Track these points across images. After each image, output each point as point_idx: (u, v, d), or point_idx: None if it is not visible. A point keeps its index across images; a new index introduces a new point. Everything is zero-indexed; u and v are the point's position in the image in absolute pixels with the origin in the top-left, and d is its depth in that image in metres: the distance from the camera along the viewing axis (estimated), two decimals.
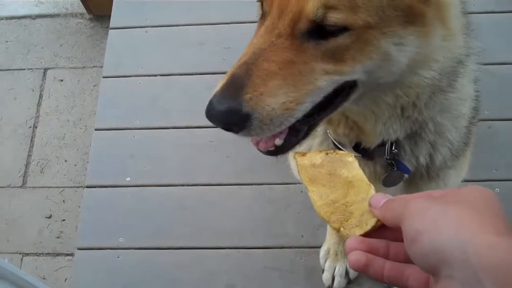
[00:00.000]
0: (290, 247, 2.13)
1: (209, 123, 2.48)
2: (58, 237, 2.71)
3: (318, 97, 0.97)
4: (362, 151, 1.22)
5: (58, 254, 2.67)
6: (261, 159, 2.28)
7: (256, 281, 2.10)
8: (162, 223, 2.24)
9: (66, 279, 2.56)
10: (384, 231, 0.78)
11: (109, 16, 2.76)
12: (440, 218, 0.64)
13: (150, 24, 2.69)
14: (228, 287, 2.10)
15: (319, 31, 0.91)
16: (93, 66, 3.21)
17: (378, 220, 0.77)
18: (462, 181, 1.52)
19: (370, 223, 0.78)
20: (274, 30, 0.93)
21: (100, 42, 3.27)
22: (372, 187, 0.83)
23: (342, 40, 0.92)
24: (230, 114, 0.91)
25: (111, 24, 2.74)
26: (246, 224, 2.20)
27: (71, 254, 2.30)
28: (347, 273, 2.01)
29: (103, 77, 2.60)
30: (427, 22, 0.96)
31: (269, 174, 2.24)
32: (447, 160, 1.30)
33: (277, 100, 0.92)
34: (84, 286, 2.16)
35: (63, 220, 2.76)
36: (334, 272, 2.01)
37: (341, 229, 0.80)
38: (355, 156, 0.90)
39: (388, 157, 1.22)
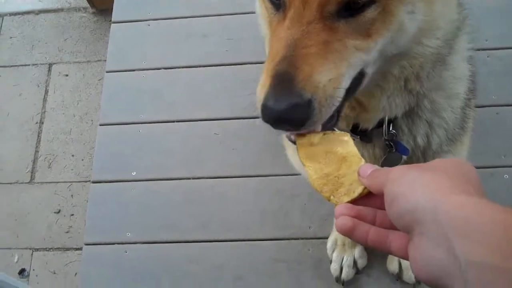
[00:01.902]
0: (298, 239, 2.12)
1: (214, 115, 2.49)
2: (67, 232, 2.73)
3: (351, 75, 0.97)
4: (360, 133, 1.23)
5: (67, 249, 2.68)
6: (267, 151, 2.28)
7: (264, 273, 2.10)
8: (169, 216, 2.24)
9: (76, 274, 2.57)
10: (372, 199, 0.82)
11: (112, 10, 2.75)
12: (415, 182, 0.70)
13: (152, 17, 2.68)
14: (236, 279, 2.10)
15: (347, 9, 0.92)
16: (98, 60, 3.21)
17: (365, 188, 0.82)
18: None
19: (357, 191, 0.83)
20: (302, 19, 0.91)
21: (104, 36, 3.26)
22: (363, 160, 0.88)
23: (369, 13, 0.93)
24: (294, 109, 0.88)
25: (113, 18, 2.73)
26: (253, 216, 2.20)
27: (81, 249, 2.31)
28: (355, 263, 2.00)
29: (107, 72, 2.60)
30: None
31: (275, 165, 2.23)
32: (443, 143, 1.30)
33: (326, 76, 0.91)
34: (93, 282, 2.16)
35: (72, 214, 2.77)
36: (342, 263, 2.00)
37: (331, 197, 0.85)
38: (351, 136, 0.93)
39: (386, 138, 1.22)
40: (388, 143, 1.24)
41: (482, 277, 0.57)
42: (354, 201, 0.83)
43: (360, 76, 1.00)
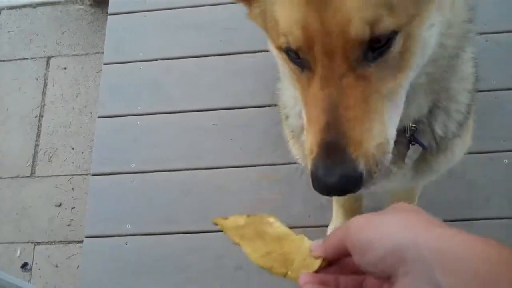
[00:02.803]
0: (297, 227, 2.11)
1: (212, 106, 2.49)
2: (68, 225, 2.73)
3: (395, 123, 0.96)
4: None
5: (69, 242, 2.69)
6: (265, 140, 2.28)
7: None
8: (169, 208, 2.24)
9: (78, 266, 2.58)
10: (330, 269, 0.80)
11: (108, 1, 2.73)
12: (388, 223, 0.69)
13: (149, 8, 2.67)
14: (237, 269, 2.11)
15: (373, 49, 0.87)
16: (96, 53, 3.19)
17: (323, 260, 0.79)
18: (466, 153, 1.49)
19: (316, 263, 0.79)
20: (333, 73, 0.88)
21: (102, 28, 3.24)
22: (305, 237, 0.83)
23: (396, 46, 0.88)
24: (346, 181, 0.86)
25: (110, 10, 2.72)
26: (252, 206, 2.20)
27: (82, 242, 2.32)
28: None
29: (104, 64, 2.60)
30: None
31: (274, 155, 2.23)
32: (456, 128, 1.28)
33: (374, 142, 0.89)
34: (94, 274, 2.18)
35: (73, 208, 2.77)
36: None
37: (289, 272, 0.81)
38: (274, 216, 0.88)
39: (408, 136, 1.20)
40: (409, 139, 1.22)
41: None
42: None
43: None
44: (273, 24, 0.95)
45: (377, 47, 0.87)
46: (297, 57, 0.92)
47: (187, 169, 2.30)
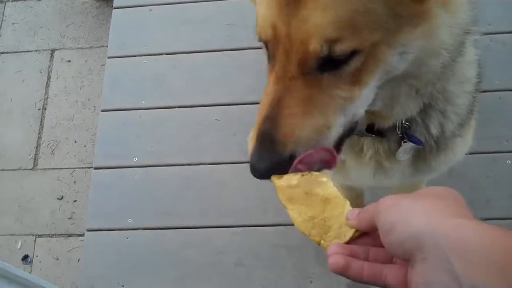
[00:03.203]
0: None
1: (216, 101, 2.48)
2: (70, 218, 2.73)
3: (343, 122, 0.98)
4: (375, 132, 1.22)
5: (70, 235, 2.69)
6: None
7: (265, 259, 2.11)
8: (170, 203, 2.24)
9: (79, 260, 2.58)
10: (363, 239, 0.82)
11: None
12: (412, 209, 0.71)
13: (154, 2, 2.67)
14: (237, 265, 2.11)
15: (329, 62, 0.90)
16: (100, 46, 3.19)
17: (356, 231, 0.82)
18: (469, 153, 1.49)
19: (348, 234, 0.82)
20: (286, 74, 0.93)
21: (106, 21, 3.24)
22: (347, 202, 0.87)
23: (353, 63, 0.91)
24: (276, 166, 0.91)
25: (115, 4, 2.72)
26: (253, 202, 2.19)
27: (83, 235, 2.32)
28: None
29: (108, 57, 2.60)
30: (432, 14, 0.94)
31: None
32: (456, 128, 1.29)
33: (308, 129, 0.93)
34: (94, 268, 2.18)
35: (75, 201, 2.77)
36: None
37: (322, 241, 0.84)
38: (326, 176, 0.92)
39: (399, 133, 1.22)
40: (401, 136, 1.24)
41: None
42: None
43: (354, 119, 1.01)
44: (257, 14, 1.00)
45: (335, 61, 0.90)
46: (267, 49, 0.98)
47: (189, 164, 2.30)
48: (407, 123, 1.21)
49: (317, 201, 0.87)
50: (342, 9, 0.87)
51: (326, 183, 0.89)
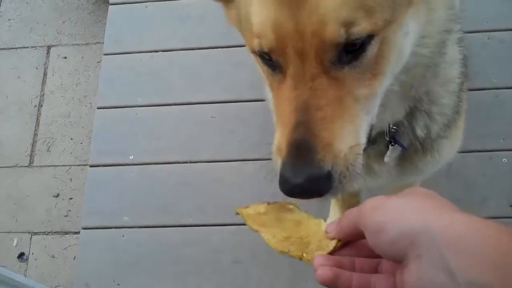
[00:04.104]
0: None
1: (211, 99, 2.47)
2: (66, 216, 2.73)
3: (366, 129, 0.95)
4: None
5: (66, 233, 2.69)
6: (264, 134, 2.26)
7: (262, 257, 2.10)
8: (167, 200, 2.24)
9: (75, 257, 2.57)
10: (347, 250, 0.80)
11: None
12: (402, 207, 0.70)
13: None
14: (234, 263, 2.10)
15: (348, 52, 0.87)
16: (96, 43, 3.18)
17: (338, 241, 0.79)
18: (458, 152, 1.49)
19: (331, 245, 0.80)
20: (306, 74, 0.86)
21: (103, 18, 3.22)
22: (322, 220, 0.84)
23: (371, 50, 0.88)
24: (313, 182, 0.84)
25: (111, 0, 2.71)
26: (251, 200, 2.15)
27: (79, 233, 2.31)
28: None
29: (104, 54, 2.59)
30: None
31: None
32: (441, 129, 1.28)
33: (346, 143, 0.88)
34: (90, 266, 2.17)
35: (71, 198, 2.77)
36: None
37: (304, 255, 0.81)
38: (294, 203, 0.89)
39: (388, 138, 1.21)
40: (389, 140, 1.23)
41: None
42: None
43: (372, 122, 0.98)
44: (247, 26, 0.93)
45: (351, 50, 0.87)
46: (270, 58, 0.91)
47: (186, 162, 2.29)
48: (394, 127, 1.20)
49: (290, 224, 0.85)
50: None
51: (294, 210, 0.87)
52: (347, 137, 0.88)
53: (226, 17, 1.06)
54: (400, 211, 0.69)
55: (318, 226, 0.83)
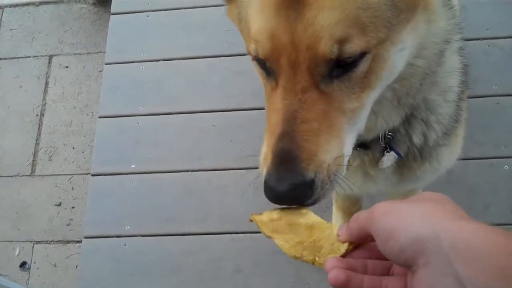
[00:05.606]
0: None
1: (213, 107, 2.48)
2: (68, 225, 2.72)
3: (352, 142, 0.96)
4: (359, 145, 1.21)
5: (68, 242, 2.68)
6: None
7: (263, 265, 2.10)
8: (168, 209, 2.24)
9: (77, 266, 2.57)
10: (359, 253, 0.81)
11: (111, 1, 2.73)
12: (410, 214, 0.69)
13: (151, 8, 2.67)
14: (236, 271, 2.10)
15: (339, 67, 0.88)
16: (98, 52, 3.19)
17: (350, 244, 0.80)
18: (460, 159, 1.49)
19: (343, 248, 0.81)
20: (296, 86, 0.88)
21: (104, 27, 3.23)
22: (334, 225, 0.86)
23: (362, 66, 0.89)
24: (296, 189, 0.86)
25: (112, 10, 2.72)
26: (252, 208, 2.17)
27: (81, 241, 2.31)
28: None
29: (106, 64, 2.60)
30: (417, 12, 0.94)
31: None
32: (439, 137, 1.28)
33: (331, 155, 0.90)
34: (92, 274, 2.17)
35: (73, 207, 2.77)
36: None
37: (316, 259, 0.82)
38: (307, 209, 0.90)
39: (383, 144, 1.22)
40: (384, 146, 1.23)
41: None
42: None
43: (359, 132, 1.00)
44: (246, 28, 0.95)
45: (343, 65, 0.88)
46: (265, 64, 0.93)
47: (187, 171, 2.29)
48: (390, 133, 1.20)
49: (302, 229, 0.86)
50: (347, 7, 0.85)
51: (307, 213, 0.88)
52: (332, 150, 0.90)
53: (227, 14, 1.07)
54: (408, 218, 0.69)
55: (330, 229, 0.84)
